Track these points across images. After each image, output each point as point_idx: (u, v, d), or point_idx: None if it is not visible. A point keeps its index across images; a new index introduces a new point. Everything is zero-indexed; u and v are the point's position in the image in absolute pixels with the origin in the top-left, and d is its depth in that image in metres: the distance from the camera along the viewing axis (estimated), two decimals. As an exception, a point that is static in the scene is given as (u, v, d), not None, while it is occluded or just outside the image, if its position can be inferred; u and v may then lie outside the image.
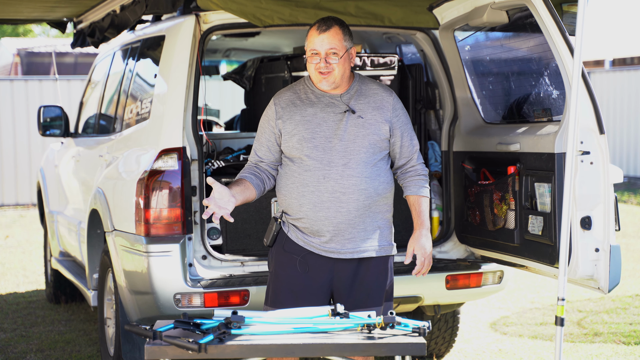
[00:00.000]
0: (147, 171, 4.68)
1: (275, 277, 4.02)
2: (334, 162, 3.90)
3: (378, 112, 3.98)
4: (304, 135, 3.92)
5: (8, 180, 16.09)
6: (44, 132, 7.11)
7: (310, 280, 3.95)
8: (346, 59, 3.92)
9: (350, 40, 3.96)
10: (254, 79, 5.98)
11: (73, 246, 6.63)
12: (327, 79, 3.92)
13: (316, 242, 3.93)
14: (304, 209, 3.91)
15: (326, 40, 3.88)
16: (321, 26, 3.91)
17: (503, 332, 6.76)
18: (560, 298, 3.85)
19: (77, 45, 6.87)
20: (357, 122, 3.94)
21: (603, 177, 4.16)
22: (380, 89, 4.06)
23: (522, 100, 4.97)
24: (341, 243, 3.93)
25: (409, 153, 4.07)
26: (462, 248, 5.25)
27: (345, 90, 4.00)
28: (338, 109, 3.96)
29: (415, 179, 4.08)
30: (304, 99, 4.00)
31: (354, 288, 3.97)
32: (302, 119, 3.95)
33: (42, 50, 21.69)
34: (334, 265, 3.95)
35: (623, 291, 8.05)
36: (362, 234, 3.95)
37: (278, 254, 4.02)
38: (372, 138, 3.94)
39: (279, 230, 4.02)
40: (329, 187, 3.88)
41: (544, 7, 4.16)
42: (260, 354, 3.38)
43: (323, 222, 3.90)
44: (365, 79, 4.10)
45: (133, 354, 4.95)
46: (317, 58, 3.90)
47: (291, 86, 4.10)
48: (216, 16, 4.87)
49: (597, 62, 23.27)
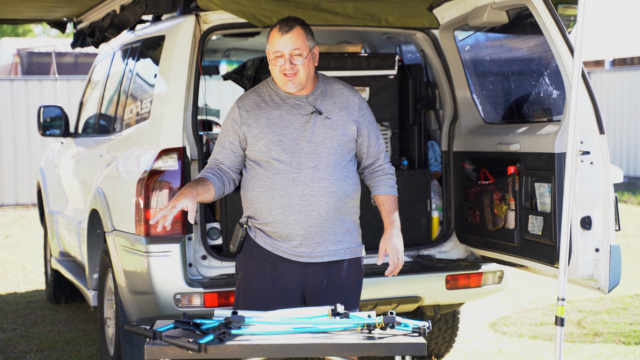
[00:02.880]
0: (147, 171, 4.68)
1: (245, 284, 3.94)
2: (303, 165, 3.83)
3: (345, 112, 3.92)
4: (271, 138, 3.84)
5: (8, 180, 16.09)
6: (44, 132, 7.11)
7: (281, 286, 3.88)
8: (310, 59, 3.86)
9: (312, 39, 3.88)
10: (254, 79, 5.98)
11: (73, 246, 6.63)
12: (293, 81, 3.84)
13: (286, 246, 3.86)
14: (273, 213, 3.84)
15: (289, 41, 3.80)
16: (283, 27, 3.82)
17: (503, 332, 6.76)
18: (560, 298, 3.85)
19: (77, 45, 6.88)
20: (324, 124, 3.87)
21: (603, 177, 4.16)
22: (346, 89, 4.00)
23: (522, 100, 4.97)
24: (311, 247, 3.86)
25: (375, 153, 4.01)
26: (462, 248, 5.25)
27: (311, 91, 3.92)
28: (304, 111, 3.88)
29: (383, 178, 4.02)
30: (268, 101, 3.92)
31: (326, 292, 3.91)
32: (268, 122, 3.87)
33: (42, 50, 21.71)
34: (304, 270, 3.88)
35: (623, 291, 8.05)
36: (332, 236, 3.88)
37: (246, 260, 3.94)
38: (340, 139, 3.88)
39: (245, 236, 3.94)
40: (298, 191, 3.81)
41: (544, 7, 4.16)
42: (260, 354, 3.38)
43: (293, 226, 3.83)
44: (330, 79, 4.04)
45: (133, 354, 4.95)
46: (282, 60, 3.81)
47: (254, 89, 4.01)
48: (216, 16, 4.87)
49: (597, 62, 23.27)
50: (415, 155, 5.50)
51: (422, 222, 5.34)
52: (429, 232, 5.39)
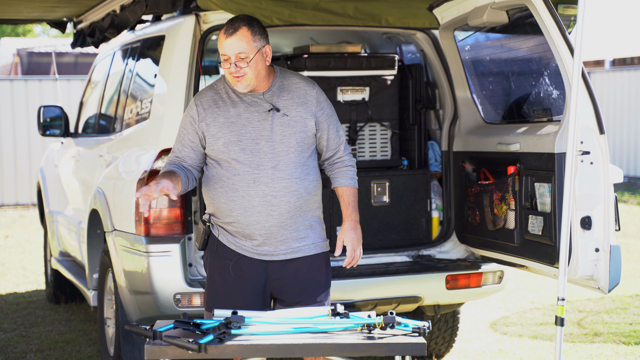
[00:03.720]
0: (147, 171, 4.68)
1: (212, 281, 3.92)
2: (263, 165, 3.79)
3: (302, 107, 3.86)
4: (229, 138, 3.79)
5: (8, 180, 16.09)
6: (44, 132, 7.11)
7: (245, 283, 3.86)
8: (259, 60, 3.76)
9: (261, 39, 3.77)
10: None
11: (73, 246, 6.63)
12: (241, 82, 3.77)
13: (248, 245, 3.84)
14: (234, 214, 3.81)
15: (234, 45, 3.71)
16: (228, 29, 3.73)
17: (503, 332, 6.76)
18: (560, 298, 3.84)
19: (77, 45, 6.88)
20: (282, 121, 3.82)
21: (603, 177, 4.16)
22: (303, 82, 3.91)
23: (522, 100, 4.97)
24: (274, 245, 3.84)
25: (335, 145, 3.96)
26: (462, 248, 5.25)
27: (267, 88, 3.85)
28: (262, 108, 3.82)
29: (343, 170, 3.98)
30: (225, 98, 3.86)
31: (291, 287, 3.88)
32: (226, 120, 3.82)
33: (42, 50, 21.69)
34: (267, 267, 3.86)
35: (623, 291, 8.05)
36: (294, 234, 3.85)
37: (212, 258, 3.92)
38: (299, 136, 3.83)
39: (209, 233, 3.91)
40: (259, 191, 3.78)
41: (544, 7, 4.16)
42: (260, 354, 3.38)
43: (254, 226, 3.80)
44: (287, 72, 3.96)
45: (133, 354, 4.95)
46: (228, 63, 3.74)
47: (211, 86, 3.94)
48: (216, 16, 4.87)
49: (597, 62, 23.27)
50: (415, 155, 5.50)
51: (422, 222, 5.35)
52: (429, 232, 5.39)
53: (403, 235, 5.26)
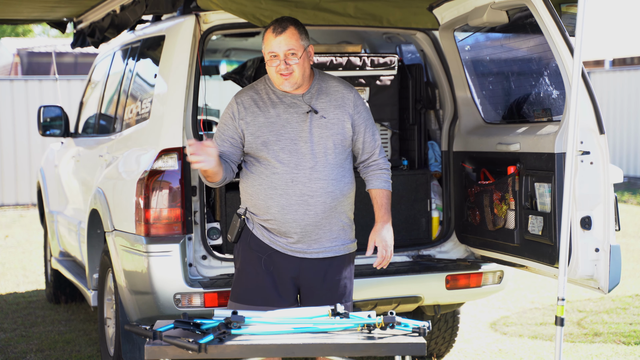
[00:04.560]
0: (147, 171, 4.68)
1: (243, 273, 4.02)
2: (301, 165, 3.90)
3: (340, 110, 3.98)
4: (269, 137, 3.91)
5: (8, 180, 16.09)
6: (44, 132, 7.11)
7: (277, 278, 3.96)
8: (305, 58, 3.92)
9: (307, 38, 3.94)
10: (254, 79, 5.97)
11: (73, 246, 6.63)
12: (289, 80, 3.90)
13: (283, 242, 3.95)
14: (271, 211, 3.92)
15: (283, 42, 3.87)
16: (277, 28, 3.89)
17: (503, 332, 6.76)
18: (560, 298, 3.85)
19: (77, 45, 6.88)
20: (320, 123, 3.94)
21: (603, 177, 4.16)
22: (341, 86, 4.05)
23: (522, 100, 4.97)
24: (308, 244, 3.95)
25: (371, 148, 4.08)
26: (462, 248, 5.25)
27: (307, 90, 3.99)
28: (301, 110, 3.95)
29: (377, 172, 4.10)
30: (265, 99, 3.98)
31: (320, 286, 3.99)
32: (266, 120, 3.93)
33: (42, 50, 21.70)
34: (300, 264, 3.97)
35: (623, 291, 8.05)
36: (327, 234, 3.97)
37: (244, 250, 4.02)
38: (336, 138, 3.96)
39: (243, 226, 4.02)
40: (296, 191, 3.89)
41: (544, 7, 4.16)
42: (260, 354, 3.39)
43: (291, 224, 3.91)
44: (325, 75, 4.09)
45: (133, 354, 4.95)
46: (277, 60, 3.88)
47: (251, 85, 4.07)
48: (216, 16, 4.87)
49: (597, 62, 23.26)
50: (415, 155, 5.50)
51: (422, 222, 5.35)
52: (429, 232, 5.39)
53: (403, 235, 5.26)
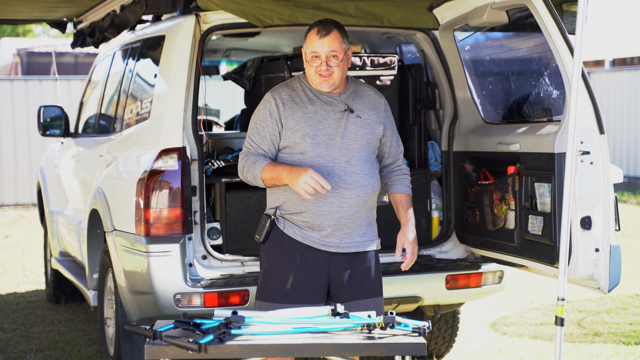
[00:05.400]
0: (147, 171, 4.68)
1: (273, 273, 4.05)
2: (337, 160, 3.99)
3: (374, 112, 4.12)
4: (307, 131, 3.99)
5: (8, 180, 16.09)
6: (44, 132, 7.11)
7: (309, 274, 4.01)
8: (345, 61, 4.03)
9: (347, 42, 4.06)
10: (254, 79, 5.98)
11: (73, 246, 6.63)
12: (328, 81, 4.01)
13: (315, 236, 4.00)
14: (306, 203, 3.98)
15: (327, 44, 3.97)
16: (321, 30, 3.99)
17: (503, 332, 6.76)
18: (560, 298, 3.85)
19: (77, 45, 6.88)
20: (355, 122, 4.05)
21: (603, 177, 4.16)
22: (372, 92, 4.20)
23: (522, 100, 4.97)
24: (340, 237, 4.02)
25: (395, 154, 4.24)
26: (462, 248, 5.25)
27: (343, 90, 4.10)
28: (337, 108, 4.05)
29: (402, 177, 4.25)
30: (302, 96, 4.07)
31: (350, 281, 4.05)
32: (304, 115, 4.01)
33: (42, 50, 21.70)
34: (330, 259, 4.03)
35: (623, 291, 8.05)
36: (358, 228, 4.06)
37: (274, 250, 4.05)
38: (369, 137, 4.07)
39: (273, 226, 4.06)
40: (332, 183, 3.96)
41: (544, 7, 4.16)
42: (260, 354, 3.39)
43: (325, 216, 3.98)
44: (358, 81, 4.23)
45: (133, 354, 4.95)
46: (318, 61, 3.98)
47: (286, 83, 4.15)
48: (216, 16, 4.87)
49: (597, 62, 23.28)
50: (415, 155, 5.50)
51: (422, 222, 5.35)
52: (429, 232, 5.39)
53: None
